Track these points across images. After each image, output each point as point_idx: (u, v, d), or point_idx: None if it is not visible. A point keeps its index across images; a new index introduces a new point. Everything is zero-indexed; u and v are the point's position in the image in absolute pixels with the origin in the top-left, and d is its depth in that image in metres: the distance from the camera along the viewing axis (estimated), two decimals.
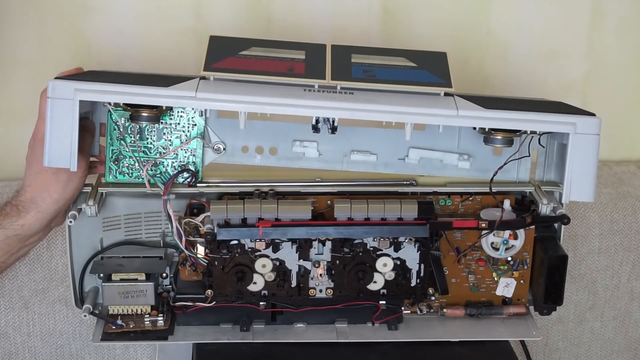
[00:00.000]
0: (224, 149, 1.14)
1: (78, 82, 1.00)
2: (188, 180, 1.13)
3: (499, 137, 1.07)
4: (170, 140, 1.12)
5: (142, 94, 1.01)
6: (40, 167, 1.05)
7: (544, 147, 1.15)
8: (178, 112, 1.12)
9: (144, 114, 1.06)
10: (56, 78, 1.01)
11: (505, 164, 1.12)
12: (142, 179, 1.11)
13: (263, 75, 1.03)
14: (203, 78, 1.04)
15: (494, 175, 1.11)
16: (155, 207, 1.16)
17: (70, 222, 1.10)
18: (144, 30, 1.34)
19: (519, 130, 1.06)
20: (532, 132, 1.09)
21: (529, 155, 1.15)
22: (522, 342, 1.27)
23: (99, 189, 1.12)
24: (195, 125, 1.12)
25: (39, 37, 1.32)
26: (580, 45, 1.46)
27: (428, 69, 1.08)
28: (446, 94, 1.06)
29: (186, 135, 1.12)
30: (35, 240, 1.13)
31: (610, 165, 1.49)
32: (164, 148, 1.12)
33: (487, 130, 1.07)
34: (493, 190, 1.12)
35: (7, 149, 1.37)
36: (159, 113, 1.07)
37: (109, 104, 1.08)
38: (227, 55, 1.06)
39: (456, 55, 1.41)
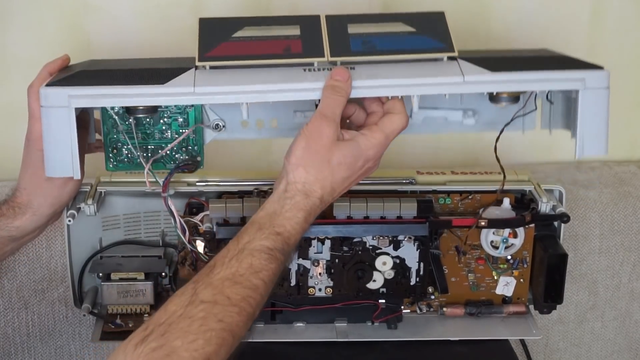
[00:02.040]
0: (224, 125, 1.09)
1: (71, 88, 0.96)
2: (189, 168, 1.07)
3: (505, 96, 1.03)
4: (168, 123, 1.07)
5: (139, 95, 0.97)
6: (35, 169, 1.04)
7: (552, 103, 1.11)
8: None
9: (141, 107, 1.01)
10: (47, 85, 0.98)
11: (512, 120, 1.08)
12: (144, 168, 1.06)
13: (260, 60, 1.00)
14: (198, 68, 1.00)
15: (500, 133, 1.08)
16: (154, 206, 1.16)
17: (69, 221, 1.10)
18: (143, 28, 1.34)
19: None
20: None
21: (536, 109, 1.10)
22: (522, 342, 1.27)
23: (97, 187, 1.12)
24: (193, 105, 1.07)
25: (39, 36, 1.33)
26: (581, 45, 1.46)
27: (427, 34, 1.04)
28: (449, 58, 1.02)
29: (183, 118, 1.07)
30: (30, 238, 1.12)
31: (611, 165, 1.48)
32: (162, 132, 1.07)
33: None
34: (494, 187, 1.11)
35: (7, 148, 1.37)
36: (155, 106, 1.02)
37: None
38: (220, 40, 1.03)
39: None
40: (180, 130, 1.07)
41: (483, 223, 1.10)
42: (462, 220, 1.11)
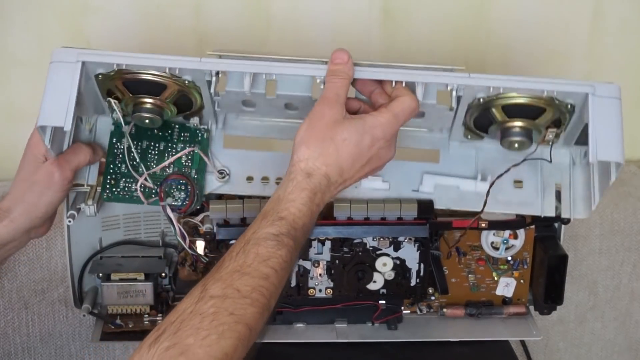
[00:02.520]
0: (228, 173, 1.09)
1: (82, 49, 0.98)
2: (186, 203, 1.06)
3: (517, 129, 1.01)
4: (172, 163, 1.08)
5: (146, 58, 0.98)
6: (22, 176, 1.03)
7: (565, 129, 1.06)
8: (182, 133, 1.09)
9: (148, 105, 1.01)
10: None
11: (523, 160, 1.07)
12: (138, 195, 1.07)
13: (270, 55, 1.00)
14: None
15: (498, 177, 1.07)
16: (154, 207, 1.15)
17: (70, 221, 1.10)
18: (143, 29, 1.34)
19: (538, 116, 1.01)
20: (552, 127, 1.04)
21: (550, 161, 1.08)
22: (522, 342, 1.27)
23: (97, 188, 1.12)
24: (200, 141, 1.09)
25: (39, 37, 1.32)
26: (581, 45, 1.46)
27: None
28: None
29: (188, 157, 1.08)
30: (11, 248, 1.07)
31: None
32: (167, 168, 1.08)
33: (502, 122, 1.01)
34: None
35: (6, 148, 1.37)
36: (162, 106, 1.02)
37: (111, 97, 1.03)
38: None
39: (456, 56, 1.42)
40: (183, 164, 1.08)
41: (483, 224, 1.10)
42: (462, 221, 1.11)
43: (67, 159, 1.03)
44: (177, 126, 1.09)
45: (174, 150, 1.08)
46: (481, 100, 1.01)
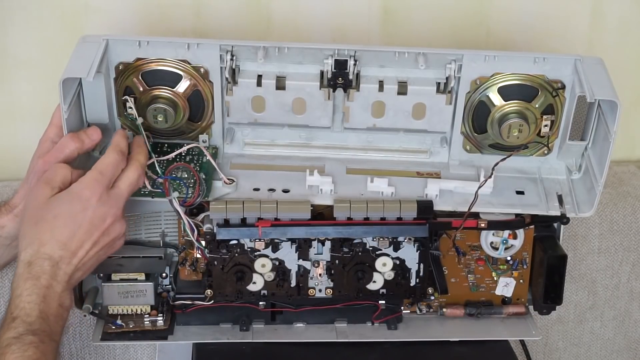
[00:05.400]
0: (235, 181, 1.11)
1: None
2: (192, 194, 1.08)
3: (514, 112, 1.09)
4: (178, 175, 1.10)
5: (165, 39, 1.07)
6: (28, 174, 1.07)
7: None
8: (190, 150, 1.12)
9: (163, 96, 1.08)
10: None
11: (523, 147, 1.14)
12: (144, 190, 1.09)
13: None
14: None
15: (496, 164, 1.10)
16: (154, 207, 1.16)
17: None
18: (143, 30, 1.34)
19: (532, 99, 1.09)
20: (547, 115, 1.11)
21: (549, 149, 1.14)
22: (522, 342, 1.27)
23: None
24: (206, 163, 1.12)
25: (40, 37, 1.32)
26: (580, 45, 1.46)
27: None
28: None
29: (197, 165, 1.11)
30: (17, 245, 1.09)
31: (610, 165, 1.47)
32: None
33: (500, 107, 1.09)
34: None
35: (7, 149, 1.37)
36: (176, 100, 1.08)
37: (128, 98, 1.08)
38: None
39: None
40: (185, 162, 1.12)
41: (483, 225, 1.10)
42: (461, 221, 1.11)
43: (55, 155, 1.04)
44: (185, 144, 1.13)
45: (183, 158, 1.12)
46: (477, 81, 1.10)
